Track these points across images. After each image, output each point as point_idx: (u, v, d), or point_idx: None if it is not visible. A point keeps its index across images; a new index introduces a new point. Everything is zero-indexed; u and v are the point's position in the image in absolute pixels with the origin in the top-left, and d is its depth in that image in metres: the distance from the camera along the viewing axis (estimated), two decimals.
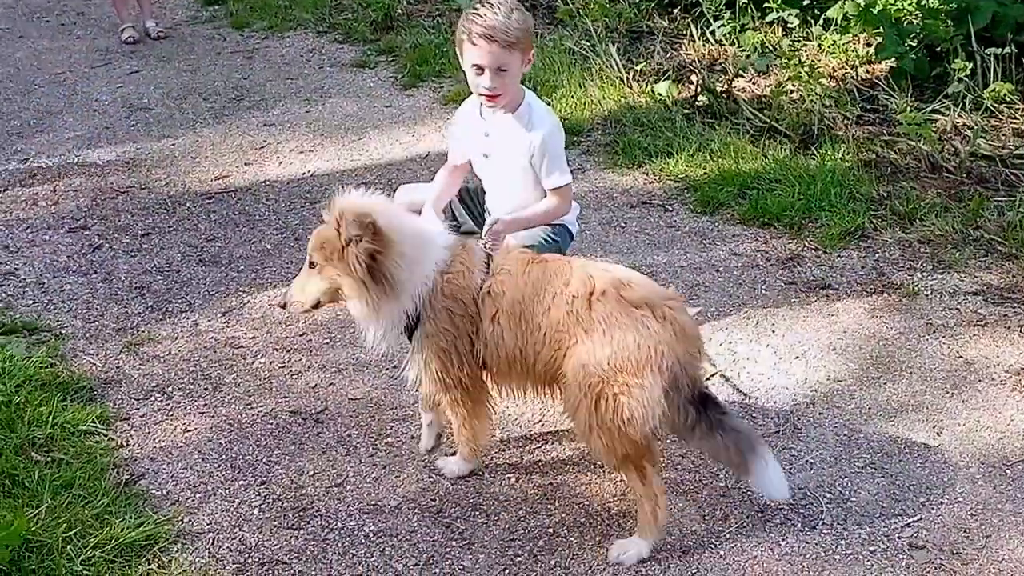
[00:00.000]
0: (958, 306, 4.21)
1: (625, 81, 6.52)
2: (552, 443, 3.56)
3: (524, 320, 3.00)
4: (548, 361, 3.01)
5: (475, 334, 3.08)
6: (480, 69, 3.48)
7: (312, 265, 3.11)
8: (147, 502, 3.31)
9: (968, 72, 5.73)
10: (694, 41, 7.07)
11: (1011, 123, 5.62)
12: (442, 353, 3.09)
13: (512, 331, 3.02)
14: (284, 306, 3.24)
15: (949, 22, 6.17)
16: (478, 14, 3.44)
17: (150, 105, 6.71)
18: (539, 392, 3.20)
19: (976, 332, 4.03)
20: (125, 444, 3.59)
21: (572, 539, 3.14)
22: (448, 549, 3.13)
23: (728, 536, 3.13)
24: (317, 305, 3.17)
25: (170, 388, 3.89)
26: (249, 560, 3.09)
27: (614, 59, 6.69)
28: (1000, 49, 5.78)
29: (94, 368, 4.00)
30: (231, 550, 3.13)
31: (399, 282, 3.00)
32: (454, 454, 3.42)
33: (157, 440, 3.62)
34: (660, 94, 6.29)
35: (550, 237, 3.76)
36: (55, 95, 6.96)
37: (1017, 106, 5.73)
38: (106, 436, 3.60)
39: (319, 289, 3.11)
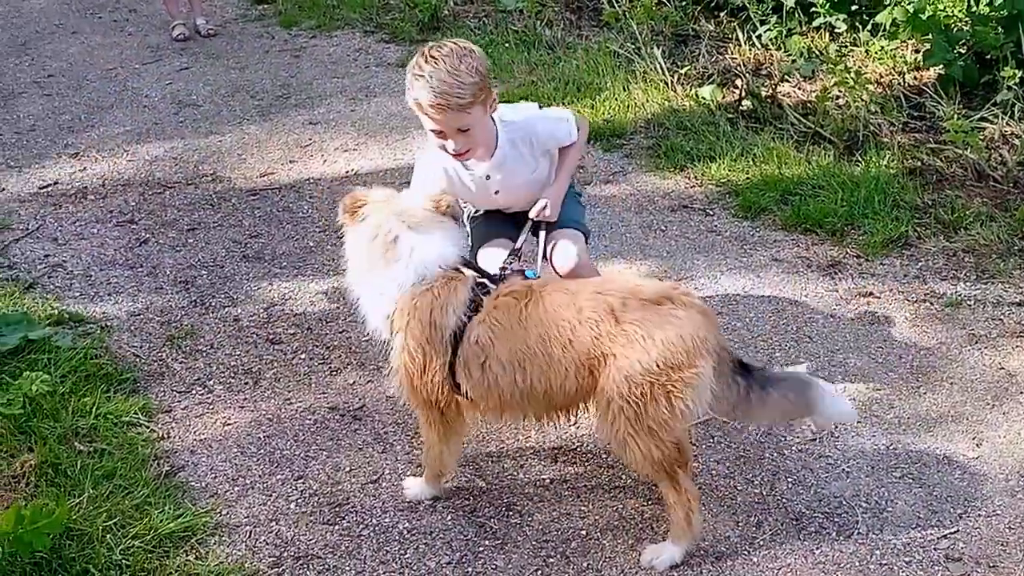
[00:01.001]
0: (1001, 317, 4.15)
1: (669, 84, 6.51)
2: (587, 445, 3.57)
3: (535, 364, 2.93)
4: (573, 391, 2.95)
5: (452, 366, 3.02)
6: (442, 134, 3.30)
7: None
8: (186, 494, 3.37)
9: (1017, 80, 5.63)
10: (740, 45, 7.03)
11: None
12: (407, 368, 3.07)
13: (513, 376, 2.95)
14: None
15: (999, 29, 6.07)
16: (422, 76, 3.16)
17: (198, 102, 6.81)
18: (539, 420, 3.16)
19: (1019, 343, 3.97)
20: (166, 436, 3.65)
21: (605, 541, 3.15)
22: (481, 548, 3.15)
23: (762, 543, 3.12)
24: None
25: (211, 382, 3.96)
26: (285, 554, 3.14)
27: (659, 62, 6.67)
28: None
29: (138, 360, 4.08)
30: (267, 543, 3.18)
31: (354, 268, 3.12)
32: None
33: (197, 433, 3.68)
34: (704, 98, 6.27)
35: (584, 227, 3.76)
36: (106, 91, 7.09)
37: None
38: (148, 428, 3.67)
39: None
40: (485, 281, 3.11)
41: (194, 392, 3.90)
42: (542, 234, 3.62)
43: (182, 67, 7.49)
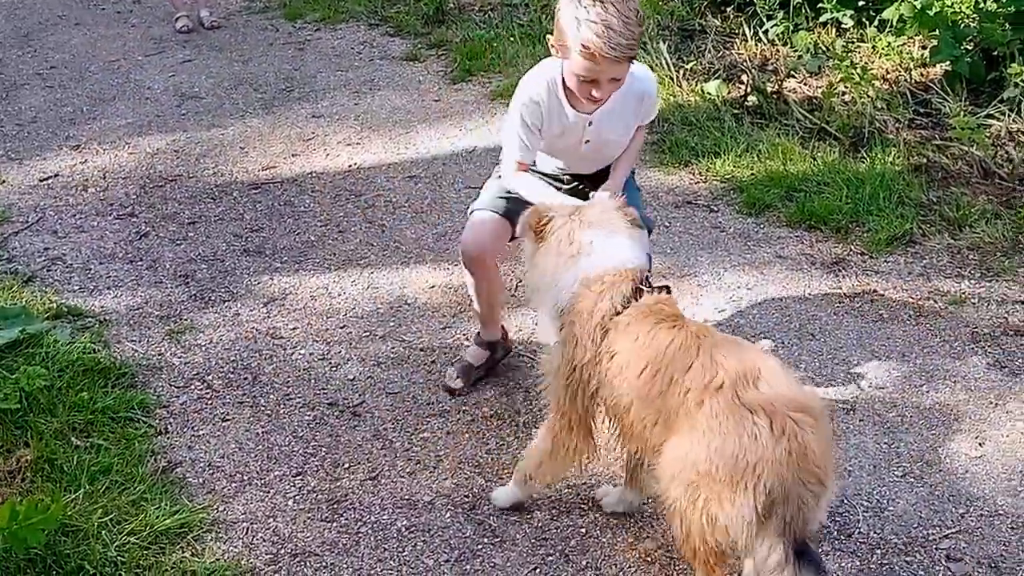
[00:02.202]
0: (1005, 315, 4.12)
1: (675, 79, 6.47)
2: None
3: (639, 386, 2.72)
4: (657, 436, 2.71)
5: (595, 366, 2.84)
6: (595, 83, 3.15)
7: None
8: (183, 490, 3.35)
9: None
10: (746, 40, 6.98)
11: None
12: (566, 372, 2.91)
13: (621, 380, 2.77)
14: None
15: (1006, 26, 6.02)
16: (593, 21, 3.00)
17: (201, 94, 6.79)
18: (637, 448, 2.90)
19: (1023, 342, 3.94)
20: (164, 432, 3.64)
21: (604, 540, 3.13)
22: (480, 546, 3.13)
23: None
24: None
25: (210, 377, 3.94)
26: (282, 551, 3.12)
27: (664, 57, 6.63)
28: None
29: (136, 355, 4.06)
30: (264, 540, 3.17)
31: (530, 285, 3.14)
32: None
33: (195, 428, 3.66)
34: (710, 93, 6.23)
35: (649, 221, 3.58)
36: (108, 82, 7.07)
37: None
38: (145, 423, 3.65)
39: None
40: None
41: (192, 387, 3.88)
42: None
43: (185, 59, 7.46)
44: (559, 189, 3.55)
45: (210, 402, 3.80)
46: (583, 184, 3.61)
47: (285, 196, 5.37)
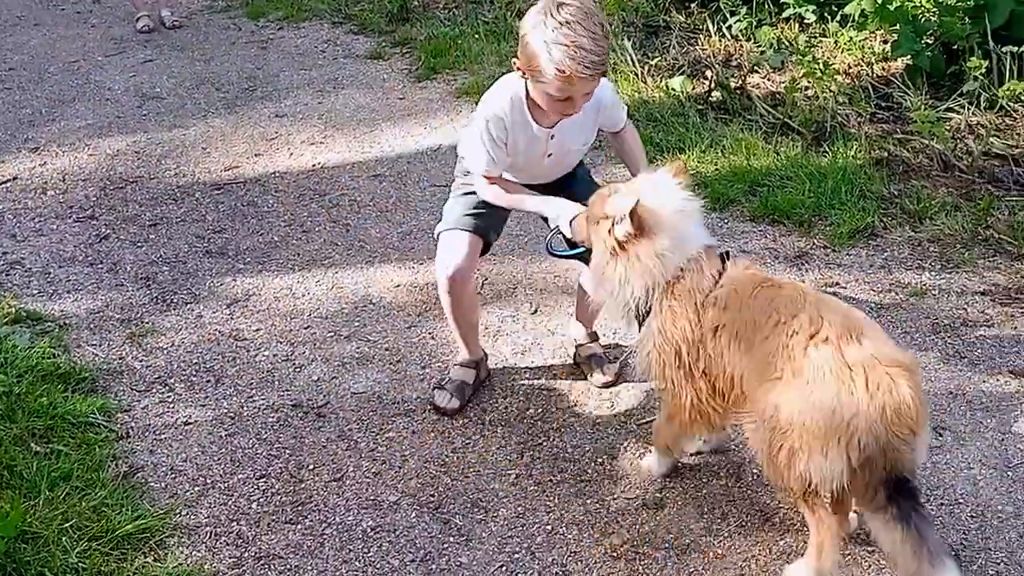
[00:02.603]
0: (965, 306, 4.17)
1: (639, 76, 6.48)
2: (553, 440, 3.55)
3: (744, 342, 2.81)
4: (756, 387, 2.79)
5: (700, 342, 2.92)
6: (569, 100, 3.15)
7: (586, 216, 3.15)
8: (145, 495, 3.31)
9: (984, 71, 5.65)
10: (710, 36, 7.02)
11: None
12: (662, 351, 2.98)
13: (732, 351, 2.84)
14: (569, 225, 3.26)
15: (966, 20, 6.09)
16: (564, 45, 2.98)
17: (162, 94, 6.72)
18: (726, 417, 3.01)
19: (982, 332, 3.99)
20: (125, 436, 3.59)
21: (570, 536, 3.13)
22: (446, 545, 3.12)
23: (727, 535, 3.11)
24: (575, 245, 3.31)
25: (172, 380, 3.90)
26: (246, 554, 3.10)
27: (629, 53, 6.65)
28: (1017, 48, 5.69)
29: (96, 359, 4.01)
30: (228, 544, 3.14)
31: (636, 269, 2.95)
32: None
33: (157, 432, 3.62)
34: (674, 89, 6.25)
35: None
36: (68, 83, 6.98)
37: None
38: (106, 428, 3.61)
39: (583, 235, 3.17)
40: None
41: (154, 391, 3.84)
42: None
43: (146, 59, 7.39)
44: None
45: (172, 405, 3.76)
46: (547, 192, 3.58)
47: (248, 196, 5.33)
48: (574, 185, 3.59)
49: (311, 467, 3.46)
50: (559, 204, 3.34)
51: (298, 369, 3.96)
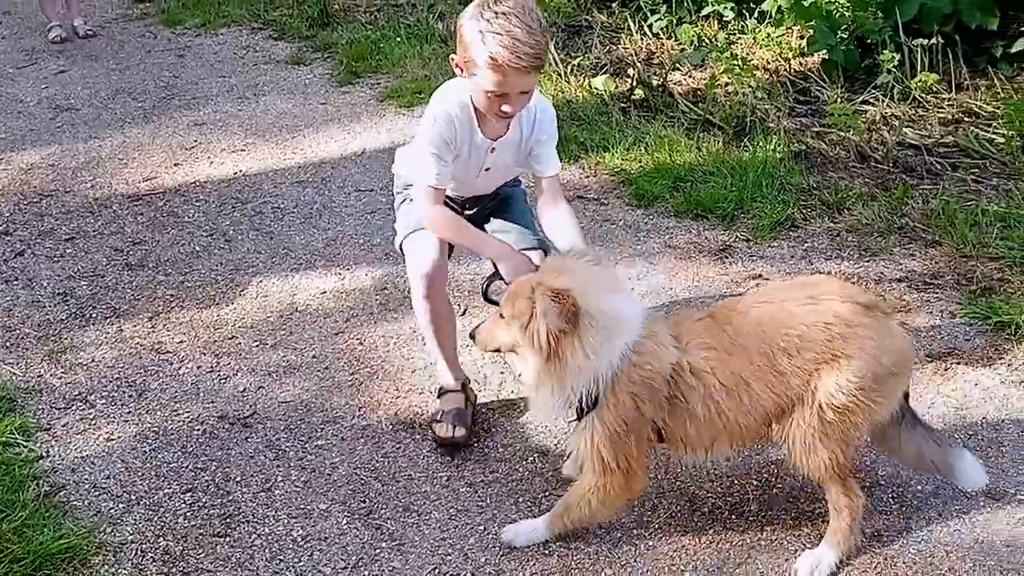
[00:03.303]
0: (883, 293, 4.27)
1: (563, 75, 6.53)
2: (484, 440, 3.54)
3: (762, 381, 2.82)
4: (796, 395, 2.83)
5: (666, 416, 2.87)
6: (505, 96, 3.09)
7: (501, 316, 2.95)
8: (68, 514, 3.23)
9: (896, 63, 5.80)
10: (631, 35, 7.10)
11: (937, 112, 5.71)
12: (616, 439, 2.87)
13: (736, 401, 2.83)
14: (472, 337, 3.10)
15: (878, 14, 6.25)
16: (498, 33, 2.96)
17: (77, 106, 6.57)
18: (743, 445, 3.02)
19: (900, 318, 4.09)
20: (45, 455, 3.50)
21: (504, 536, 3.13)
22: (378, 551, 3.10)
23: (658, 526, 3.14)
24: (498, 351, 3.08)
25: (93, 396, 3.81)
26: (174, 570, 3.04)
27: (552, 53, 6.68)
28: (927, 40, 5.87)
29: (14, 377, 3.90)
30: (155, 560, 3.07)
31: (576, 367, 2.79)
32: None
33: (79, 450, 3.53)
34: (597, 88, 6.30)
35: (544, 244, 3.50)
36: None
37: (943, 96, 5.83)
38: (25, 447, 3.51)
39: (499, 341, 2.97)
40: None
41: (75, 408, 3.75)
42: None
43: (59, 70, 7.22)
44: (462, 215, 3.48)
45: (93, 422, 3.67)
46: (481, 207, 3.57)
47: (168, 207, 5.24)
48: (511, 208, 3.56)
49: (239, 479, 3.40)
50: (507, 253, 3.25)
51: (223, 380, 3.89)
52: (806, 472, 2.91)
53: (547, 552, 3.06)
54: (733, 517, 3.16)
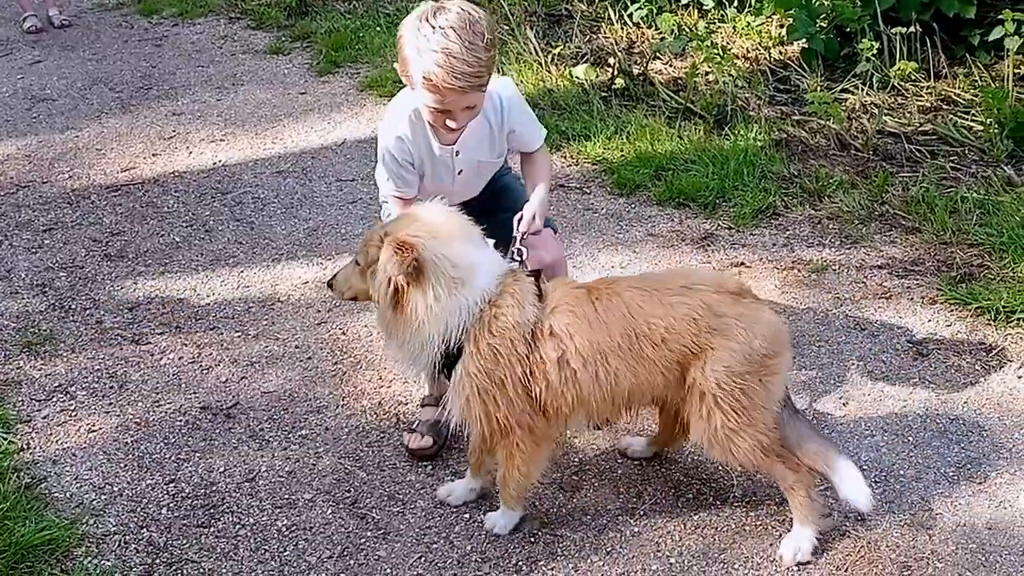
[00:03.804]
0: (864, 280, 4.29)
1: (543, 65, 6.51)
2: (466, 429, 3.53)
3: (621, 360, 2.81)
4: (658, 387, 2.88)
5: (529, 375, 2.83)
6: (446, 113, 2.99)
7: (356, 263, 2.94)
8: (49, 506, 3.20)
9: (875, 52, 5.82)
10: (612, 24, 7.08)
11: (916, 100, 5.73)
12: (484, 394, 2.83)
13: (594, 372, 2.81)
14: (330, 286, 3.07)
15: (857, 3, 6.26)
16: (434, 50, 2.83)
17: (53, 96, 6.50)
18: (605, 422, 3.06)
19: (881, 304, 4.11)
20: (26, 447, 3.47)
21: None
22: (363, 540, 3.09)
23: (642, 512, 3.15)
24: (355, 299, 3.04)
25: (73, 388, 3.78)
26: (157, 561, 3.02)
27: (532, 43, 6.67)
28: (906, 29, 5.89)
29: None
30: (138, 551, 3.05)
31: (420, 319, 2.76)
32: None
33: (60, 442, 3.50)
34: (578, 77, 6.29)
35: (553, 223, 3.50)
36: None
37: (922, 84, 5.86)
38: (5, 440, 3.47)
39: (355, 288, 2.97)
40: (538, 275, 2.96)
41: (55, 399, 3.71)
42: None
43: (35, 60, 7.14)
44: None
45: (74, 414, 3.64)
46: (477, 211, 3.35)
47: (147, 197, 5.19)
48: (508, 197, 3.43)
49: (222, 469, 3.38)
50: None
51: (205, 371, 3.87)
52: (740, 466, 2.94)
53: (532, 539, 3.06)
54: (718, 503, 3.17)
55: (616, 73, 6.30)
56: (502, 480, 3.04)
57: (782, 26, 6.75)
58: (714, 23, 7.04)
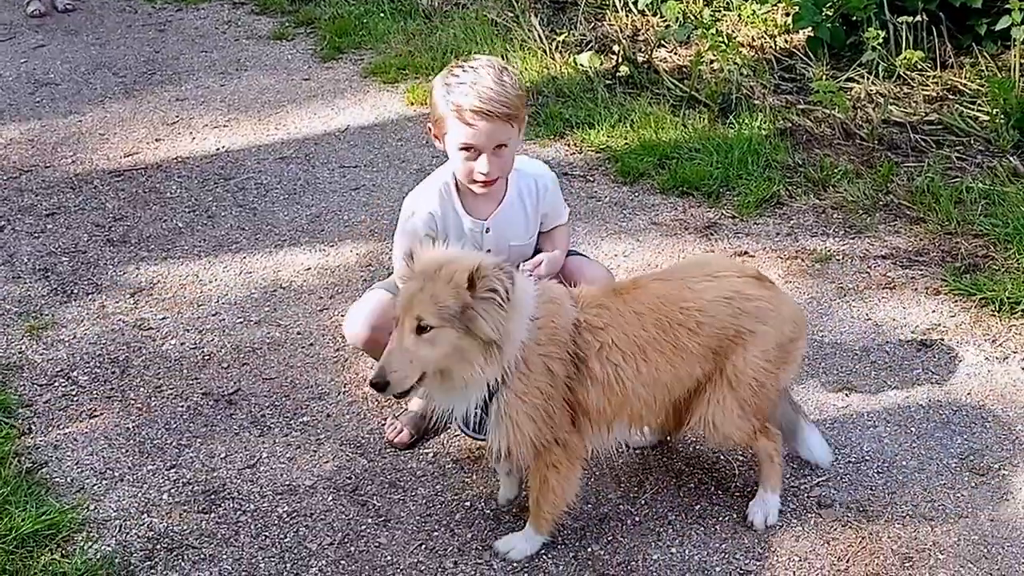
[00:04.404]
0: (868, 270, 4.28)
1: (548, 52, 6.48)
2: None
3: (659, 353, 2.80)
4: (699, 377, 2.87)
5: (576, 375, 2.79)
6: (474, 151, 3.01)
7: (422, 330, 2.60)
8: (50, 491, 3.21)
9: (881, 41, 5.79)
10: (617, 12, 7.05)
11: (922, 90, 5.71)
12: (534, 411, 2.75)
13: (634, 367, 2.79)
14: (381, 387, 2.62)
15: None
16: (463, 83, 2.95)
17: (56, 80, 6.48)
18: (654, 421, 3.01)
19: (885, 295, 4.10)
20: (27, 432, 3.47)
21: (489, 511, 3.14)
22: (364, 527, 3.09)
23: (644, 502, 3.15)
24: (420, 381, 2.66)
25: (75, 373, 3.77)
26: (158, 546, 3.02)
27: (537, 30, 6.64)
28: (912, 18, 5.85)
29: None
30: (139, 536, 3.06)
31: (509, 334, 2.65)
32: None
33: (61, 426, 3.51)
34: (582, 65, 6.27)
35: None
36: None
37: (928, 73, 5.83)
38: (7, 424, 3.48)
39: (426, 359, 2.62)
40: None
41: (57, 384, 3.71)
42: None
43: (38, 45, 7.11)
44: None
45: (76, 398, 3.64)
46: None
47: (150, 182, 5.18)
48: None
49: (223, 455, 3.38)
50: None
51: (207, 357, 3.87)
52: (732, 445, 3.02)
53: None
54: (719, 492, 3.17)
55: (620, 61, 6.27)
56: (535, 504, 2.93)
57: (788, 14, 6.71)
58: (719, 11, 6.99)
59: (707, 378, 2.88)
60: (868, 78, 5.78)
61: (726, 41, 6.11)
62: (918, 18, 5.86)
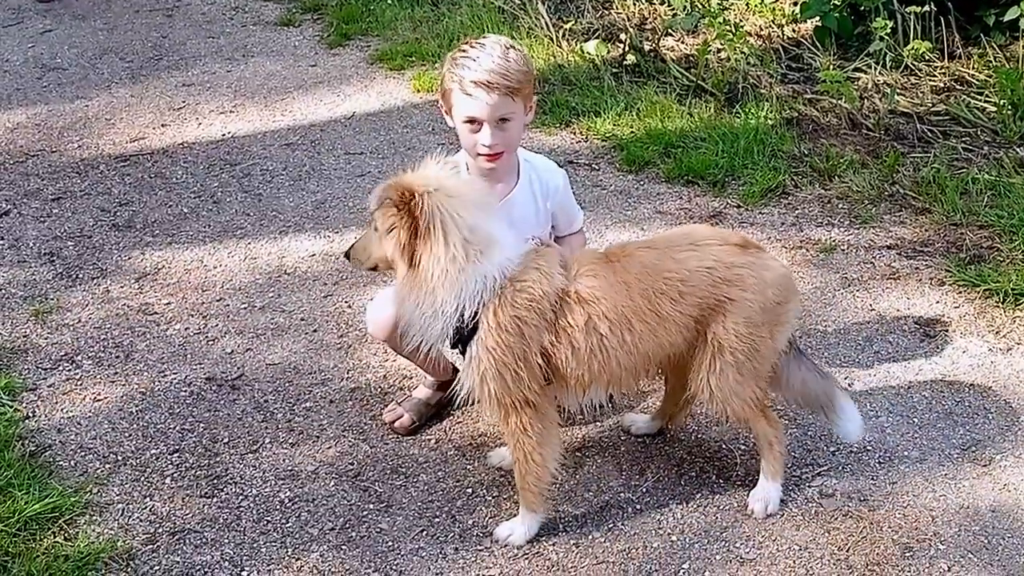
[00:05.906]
0: (872, 260, 4.27)
1: (554, 40, 6.47)
2: (471, 403, 3.53)
3: (643, 323, 2.81)
4: (679, 345, 2.89)
5: (553, 344, 2.81)
6: (477, 123, 3.03)
7: (375, 229, 2.87)
8: (53, 474, 3.22)
9: (889, 30, 5.77)
10: (624, 0, 7.02)
11: (929, 81, 5.68)
12: (503, 368, 2.78)
13: (619, 337, 2.80)
14: (348, 257, 3.04)
15: None
16: (468, 57, 2.99)
17: (63, 65, 6.49)
18: (627, 386, 3.08)
19: (889, 285, 4.10)
20: (31, 415, 3.49)
21: (490, 498, 3.15)
22: (365, 512, 3.10)
23: (645, 490, 3.15)
24: (375, 268, 3.01)
25: (79, 357, 3.79)
26: (160, 530, 3.04)
27: (543, 18, 6.62)
28: (920, 8, 5.83)
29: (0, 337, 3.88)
30: (141, 520, 3.07)
31: (436, 280, 2.73)
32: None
33: (65, 410, 3.52)
34: (589, 53, 6.25)
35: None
36: None
37: (935, 64, 5.80)
38: (11, 407, 3.49)
39: (375, 256, 2.92)
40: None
41: (61, 368, 3.73)
42: None
43: (45, 29, 7.12)
44: None
45: (80, 382, 3.66)
46: None
47: (156, 168, 5.19)
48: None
49: (226, 440, 3.40)
50: None
51: (211, 342, 3.88)
52: (731, 415, 3.00)
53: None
54: (720, 481, 3.18)
55: (627, 49, 6.26)
56: (520, 477, 2.94)
57: (795, 3, 6.68)
58: (727, 0, 6.97)
59: (694, 346, 2.90)
60: (875, 68, 5.75)
61: (733, 30, 6.09)
62: (926, 8, 5.83)
